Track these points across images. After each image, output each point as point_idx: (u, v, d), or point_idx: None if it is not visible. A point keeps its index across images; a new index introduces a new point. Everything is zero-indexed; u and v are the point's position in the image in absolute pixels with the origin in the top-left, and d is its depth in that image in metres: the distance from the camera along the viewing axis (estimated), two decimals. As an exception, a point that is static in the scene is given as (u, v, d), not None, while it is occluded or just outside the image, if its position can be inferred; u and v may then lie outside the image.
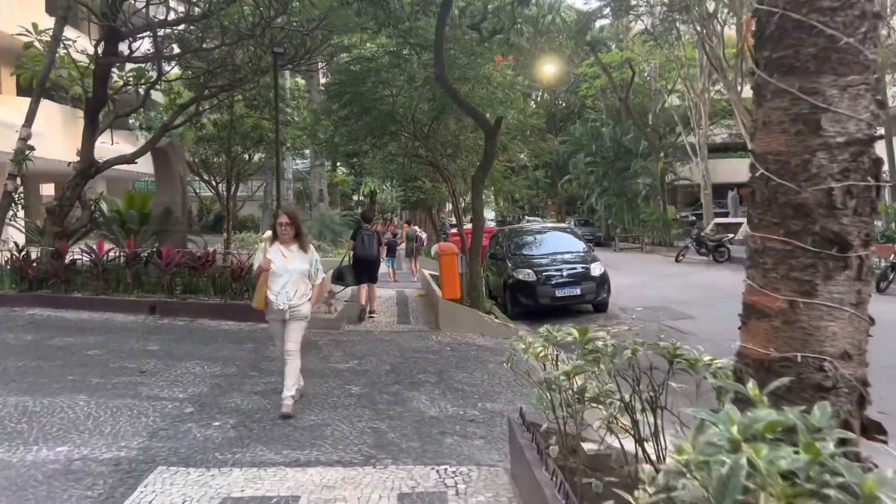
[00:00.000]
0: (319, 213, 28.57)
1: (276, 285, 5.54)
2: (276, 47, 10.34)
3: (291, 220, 5.64)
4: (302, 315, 5.64)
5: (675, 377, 3.48)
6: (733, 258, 21.86)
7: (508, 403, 6.22)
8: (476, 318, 10.11)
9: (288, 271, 5.55)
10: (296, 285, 5.57)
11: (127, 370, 6.85)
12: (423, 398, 6.28)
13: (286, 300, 5.52)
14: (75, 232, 11.64)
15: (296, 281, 5.57)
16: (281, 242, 5.65)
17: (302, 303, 5.62)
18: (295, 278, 5.56)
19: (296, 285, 5.57)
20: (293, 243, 5.66)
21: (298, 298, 5.58)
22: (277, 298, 5.52)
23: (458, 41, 11.83)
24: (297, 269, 5.57)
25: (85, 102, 11.11)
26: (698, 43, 29.74)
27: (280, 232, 5.63)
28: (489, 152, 10.65)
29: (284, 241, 5.64)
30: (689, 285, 16.15)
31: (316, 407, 5.87)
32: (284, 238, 5.63)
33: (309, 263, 5.66)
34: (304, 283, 5.63)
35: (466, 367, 7.77)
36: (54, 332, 8.51)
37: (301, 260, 5.63)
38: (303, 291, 5.66)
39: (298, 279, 5.58)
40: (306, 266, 5.63)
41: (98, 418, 5.29)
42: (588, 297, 12.08)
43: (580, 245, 13.69)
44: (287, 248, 5.64)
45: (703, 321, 10.99)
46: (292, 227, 5.63)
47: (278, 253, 5.62)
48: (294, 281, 5.56)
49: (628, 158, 33.87)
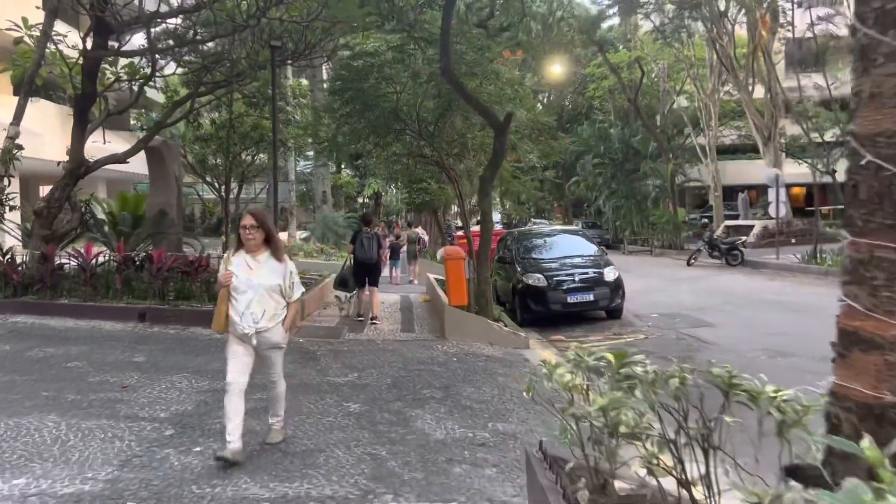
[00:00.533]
0: (323, 216, 28.06)
1: (240, 304, 4.51)
2: (274, 41, 9.80)
3: (258, 223, 4.56)
4: (272, 343, 4.64)
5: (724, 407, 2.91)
6: (746, 261, 21.30)
7: (521, 423, 5.67)
8: (484, 326, 9.55)
9: (254, 287, 4.53)
10: (264, 304, 4.55)
11: (107, 385, 6.32)
12: (428, 417, 5.73)
13: (251, 322, 4.50)
14: (65, 235, 11.13)
15: (264, 298, 4.55)
16: (247, 251, 4.62)
17: (272, 325, 4.59)
18: (263, 295, 4.55)
19: (264, 304, 4.55)
20: (262, 251, 4.64)
21: (267, 320, 4.56)
22: (242, 320, 4.49)
23: (465, 35, 11.31)
24: (265, 284, 4.55)
25: (74, 99, 10.60)
26: (709, 42, 29.22)
27: (244, 237, 4.58)
28: (498, 150, 10.10)
29: (251, 249, 4.61)
30: (704, 290, 15.56)
31: (310, 428, 5.32)
32: (250, 245, 4.59)
33: (282, 277, 4.62)
34: (274, 302, 4.61)
35: (474, 380, 7.21)
36: (35, 342, 7.98)
37: (271, 272, 4.60)
38: (273, 311, 4.61)
39: (267, 296, 4.57)
40: (278, 280, 4.60)
41: (66, 443, 4.75)
42: (601, 303, 11.50)
43: (592, 248, 13.11)
44: (254, 257, 4.61)
45: (724, 329, 10.41)
46: (259, 230, 4.56)
47: (243, 264, 4.59)
48: (261, 298, 4.54)
49: (637, 160, 33.28)
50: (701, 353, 8.80)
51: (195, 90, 11.47)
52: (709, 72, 31.03)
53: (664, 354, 8.91)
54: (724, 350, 8.93)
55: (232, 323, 4.55)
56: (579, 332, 10.78)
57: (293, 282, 4.71)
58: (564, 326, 11.26)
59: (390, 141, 12.55)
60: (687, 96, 35.45)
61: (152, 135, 11.31)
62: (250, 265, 4.59)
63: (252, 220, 4.58)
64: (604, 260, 12.39)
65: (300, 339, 9.02)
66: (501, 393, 6.70)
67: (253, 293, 4.53)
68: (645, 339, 10.02)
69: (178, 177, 12.53)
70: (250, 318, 4.53)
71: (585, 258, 12.46)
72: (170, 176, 12.10)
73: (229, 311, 4.54)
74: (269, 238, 4.66)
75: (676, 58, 32.27)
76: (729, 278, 18.08)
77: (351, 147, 13.54)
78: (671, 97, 34.64)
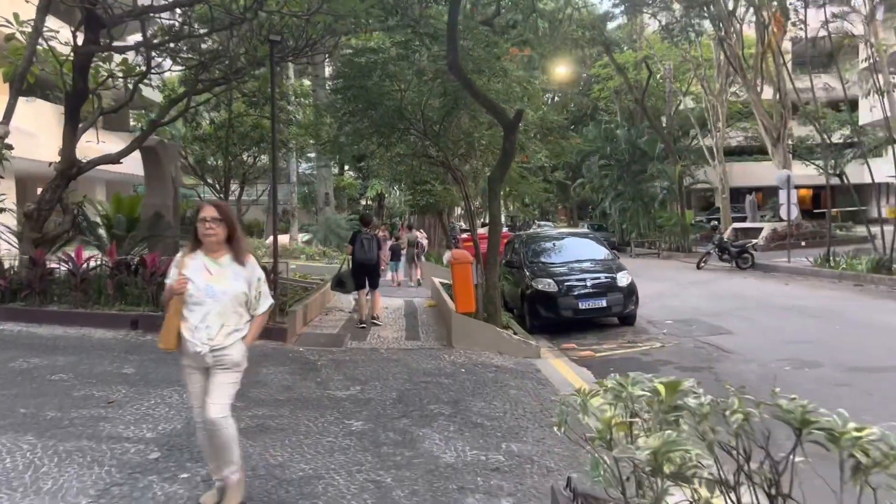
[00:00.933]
0: (325, 218, 27.67)
1: (195, 316, 3.69)
2: (273, 35, 9.38)
3: (221, 216, 3.73)
4: (231, 362, 3.75)
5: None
6: (757, 264, 20.85)
7: (537, 444, 5.24)
8: (493, 334, 9.11)
9: (213, 295, 3.69)
10: (224, 317, 3.71)
11: (92, 400, 5.89)
12: (436, 437, 5.29)
13: (206, 339, 3.67)
14: (57, 238, 10.71)
15: (225, 310, 3.72)
16: (206, 251, 3.78)
17: (231, 343, 3.72)
18: (223, 306, 3.71)
19: (224, 317, 3.71)
20: (223, 252, 3.78)
21: (225, 336, 3.71)
22: (194, 336, 3.67)
23: (472, 31, 10.90)
24: (227, 293, 3.71)
25: (65, 96, 10.19)
26: (717, 42, 28.78)
27: (204, 233, 3.71)
28: (508, 150, 9.67)
29: (211, 249, 3.76)
30: (717, 294, 15.12)
31: (309, 450, 4.89)
32: (211, 243, 3.74)
33: (247, 283, 3.79)
34: (236, 315, 3.77)
35: (484, 393, 6.78)
36: (20, 352, 7.56)
37: (235, 278, 3.76)
38: (234, 326, 3.76)
39: (229, 308, 3.73)
40: (242, 288, 3.76)
41: (40, 469, 4.32)
42: (615, 309, 11.05)
43: (604, 252, 12.66)
44: (215, 259, 3.77)
45: (743, 336, 9.96)
46: (222, 225, 3.72)
47: (200, 267, 3.74)
48: (222, 310, 3.71)
49: (644, 161, 32.83)
50: (722, 364, 8.37)
51: (192, 88, 11.06)
52: (716, 72, 30.61)
53: (683, 364, 8.49)
54: (745, 360, 8.49)
55: (183, 340, 3.72)
56: (591, 340, 10.34)
57: (261, 291, 3.88)
58: (576, 333, 10.82)
59: (394, 141, 12.13)
60: (693, 97, 35.04)
61: (147, 134, 10.91)
62: (210, 269, 3.73)
63: (214, 212, 3.73)
64: (616, 264, 11.93)
65: (300, 349, 8.60)
66: (514, 408, 6.27)
67: (212, 303, 3.69)
68: (661, 347, 9.58)
69: (175, 178, 12.11)
70: (204, 333, 3.67)
71: (597, 262, 12.01)
72: (166, 177, 11.68)
73: (181, 326, 3.72)
74: (232, 236, 3.79)
75: (683, 58, 31.86)
76: (741, 282, 17.63)
77: (353, 147, 13.11)
78: (677, 98, 34.21)
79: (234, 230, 3.80)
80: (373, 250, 10.74)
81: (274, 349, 8.40)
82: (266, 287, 3.96)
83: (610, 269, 11.56)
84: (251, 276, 3.82)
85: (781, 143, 26.77)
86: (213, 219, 3.72)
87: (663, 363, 8.60)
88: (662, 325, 11.27)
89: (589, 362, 8.78)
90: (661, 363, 8.61)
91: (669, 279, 18.68)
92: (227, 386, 3.79)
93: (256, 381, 6.80)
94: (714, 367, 8.25)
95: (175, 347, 3.75)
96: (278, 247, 10.83)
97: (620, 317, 11.30)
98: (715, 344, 9.49)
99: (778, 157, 26.76)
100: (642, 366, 8.57)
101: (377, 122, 11.36)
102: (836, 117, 26.88)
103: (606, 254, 12.58)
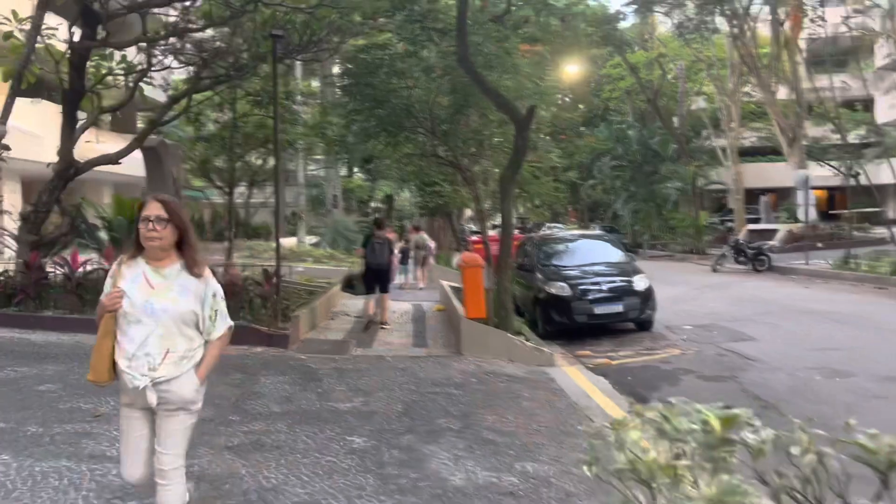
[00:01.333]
0: (333, 220, 27.32)
1: (132, 340, 2.91)
2: (276, 30, 9.03)
3: (168, 215, 2.94)
4: (181, 400, 2.97)
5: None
6: (773, 267, 20.35)
7: (554, 462, 4.84)
8: (505, 340, 8.70)
9: (153, 313, 2.91)
10: (168, 341, 2.93)
11: (77, 414, 5.53)
12: (445, 455, 4.89)
13: (145, 369, 2.90)
14: (54, 241, 10.39)
15: (169, 333, 2.94)
16: (148, 258, 3.00)
17: (180, 373, 2.95)
18: (167, 328, 2.93)
19: (168, 341, 2.93)
20: (170, 261, 3.02)
21: (172, 366, 2.93)
22: (131, 367, 2.90)
23: (482, 26, 10.51)
24: (169, 311, 2.93)
25: (62, 94, 9.88)
26: (730, 40, 28.27)
27: (145, 235, 2.93)
28: (520, 147, 9.27)
29: (155, 256, 2.99)
30: (736, 298, 14.63)
31: (306, 471, 4.50)
32: (154, 249, 2.97)
33: (198, 300, 3.00)
34: (184, 339, 2.98)
35: (496, 405, 6.37)
36: (9, 361, 7.21)
37: (181, 293, 2.97)
38: (182, 353, 2.97)
39: (174, 330, 2.94)
40: (191, 305, 2.98)
41: (11, 493, 3.95)
42: (631, 314, 10.60)
43: (619, 254, 12.21)
44: (158, 269, 2.99)
45: (767, 343, 9.50)
46: (169, 227, 2.94)
47: (140, 279, 2.96)
48: (164, 333, 2.93)
49: (656, 162, 32.32)
50: (747, 373, 7.93)
51: (193, 85, 10.72)
52: (729, 71, 30.08)
53: (706, 373, 8.05)
54: (771, 368, 8.03)
55: (118, 371, 2.96)
56: (607, 347, 9.91)
57: (217, 310, 3.07)
58: (590, 340, 10.38)
59: (402, 140, 11.77)
60: (705, 97, 34.52)
61: (147, 133, 10.59)
62: (151, 281, 2.96)
63: (158, 209, 2.93)
64: (632, 267, 11.48)
65: (302, 356, 8.22)
66: (527, 422, 5.87)
67: (153, 324, 2.91)
68: (681, 354, 9.14)
69: (177, 178, 11.80)
70: (144, 362, 2.90)
71: (612, 265, 11.57)
72: (167, 177, 11.37)
73: (115, 352, 2.96)
74: (182, 239, 3.01)
75: (696, 57, 31.35)
76: (759, 285, 17.14)
77: (360, 147, 12.75)
78: (689, 98, 33.70)
79: (185, 233, 3.00)
80: (384, 254, 10.79)
81: (275, 357, 8.03)
82: (223, 305, 3.12)
83: (626, 273, 11.12)
84: (205, 292, 3.02)
85: (797, 143, 26.24)
86: (158, 218, 2.92)
87: (684, 372, 8.16)
88: (681, 330, 10.82)
89: (605, 370, 8.37)
90: (682, 372, 8.18)
91: (685, 282, 18.20)
92: (180, 433, 3.02)
93: (254, 391, 6.44)
94: (739, 376, 7.81)
95: (109, 380, 2.99)
96: (286, 249, 10.51)
97: (637, 322, 10.85)
98: (738, 351, 9.03)
99: (794, 157, 26.22)
100: (662, 374, 8.16)
101: (384, 121, 11.01)
102: (851, 116, 26.31)
103: (622, 256, 12.14)
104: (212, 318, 3.06)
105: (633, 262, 12.08)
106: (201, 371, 3.06)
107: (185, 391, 2.99)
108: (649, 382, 7.75)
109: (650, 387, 7.53)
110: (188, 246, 3.03)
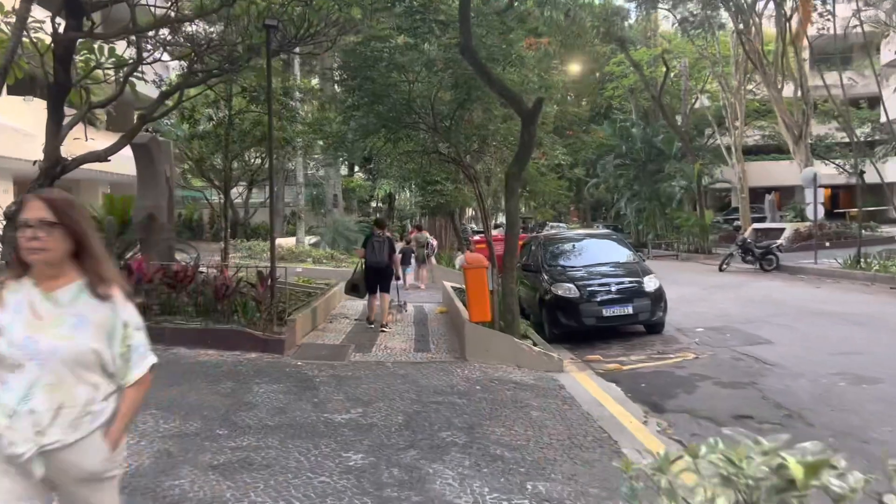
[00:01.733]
0: (333, 220, 26.92)
1: (11, 390, 2.12)
2: (269, 20, 8.63)
3: (57, 218, 2.14)
4: (82, 472, 2.16)
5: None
6: (782, 266, 19.93)
7: (568, 481, 4.44)
8: (511, 345, 8.28)
9: (36, 355, 2.12)
10: (60, 392, 2.13)
11: None
12: (449, 474, 4.49)
13: (30, 432, 2.10)
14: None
15: (62, 380, 2.13)
16: (37, 279, 2.20)
17: (81, 437, 2.14)
18: (57, 374, 2.13)
19: (60, 392, 2.13)
20: (66, 279, 2.21)
21: (68, 428, 2.13)
22: (13, 427, 2.10)
23: (485, 17, 10.12)
24: (58, 351, 2.13)
25: (47, 89, 9.47)
26: (735, 37, 27.87)
27: (24, 248, 2.14)
28: (527, 142, 8.85)
29: (43, 276, 2.19)
30: (747, 299, 14.21)
31: (296, 493, 4.09)
32: (40, 266, 2.18)
33: (103, 333, 2.20)
34: (85, 387, 2.17)
35: (503, 417, 5.96)
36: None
37: (77, 325, 2.17)
38: (82, 407, 2.16)
39: (67, 376, 2.14)
40: (89, 342, 2.17)
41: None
42: (641, 316, 10.18)
43: (628, 254, 11.78)
44: (48, 293, 2.19)
45: (784, 347, 9.07)
46: (57, 233, 2.14)
47: (23, 307, 2.17)
48: (55, 381, 2.13)
49: (660, 160, 31.92)
50: (766, 379, 7.50)
51: (185, 79, 10.32)
52: (734, 68, 29.67)
53: (722, 379, 7.64)
54: (792, 374, 7.61)
55: None
56: (617, 351, 9.49)
57: (131, 344, 2.25)
58: (599, 343, 9.97)
59: (402, 136, 11.36)
60: (709, 95, 34.13)
61: (137, 128, 10.17)
62: (38, 310, 2.17)
63: (41, 211, 2.13)
64: (642, 267, 11.05)
65: (298, 362, 7.81)
66: (538, 434, 5.46)
67: (37, 370, 2.12)
68: (695, 359, 8.71)
69: (170, 177, 11.36)
70: (28, 422, 2.10)
71: (621, 266, 11.14)
72: (159, 176, 10.93)
73: None
74: (81, 249, 2.20)
75: (700, 54, 30.95)
76: (768, 285, 16.72)
77: (359, 143, 12.35)
78: (693, 95, 33.29)
79: (82, 239, 2.19)
80: (384, 254, 10.56)
81: (269, 363, 7.63)
82: (141, 337, 2.28)
83: (635, 273, 10.70)
84: (112, 321, 2.21)
85: (803, 140, 25.83)
86: (41, 222, 2.12)
87: (700, 378, 7.74)
88: (693, 333, 10.40)
89: (616, 376, 7.95)
90: (697, 378, 7.76)
91: (692, 282, 17.78)
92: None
93: (245, 402, 6.04)
94: (758, 382, 7.39)
95: None
96: (285, 250, 10.11)
97: (647, 324, 10.44)
98: (755, 355, 8.61)
99: (800, 155, 25.81)
100: (677, 381, 7.74)
101: (384, 117, 10.60)
102: (856, 114, 25.92)
103: (630, 256, 11.71)
104: (125, 356, 2.24)
105: (643, 262, 11.66)
106: (113, 432, 2.20)
107: (89, 462, 2.16)
108: (664, 389, 7.34)
109: (665, 394, 7.12)
110: (89, 257, 2.20)
